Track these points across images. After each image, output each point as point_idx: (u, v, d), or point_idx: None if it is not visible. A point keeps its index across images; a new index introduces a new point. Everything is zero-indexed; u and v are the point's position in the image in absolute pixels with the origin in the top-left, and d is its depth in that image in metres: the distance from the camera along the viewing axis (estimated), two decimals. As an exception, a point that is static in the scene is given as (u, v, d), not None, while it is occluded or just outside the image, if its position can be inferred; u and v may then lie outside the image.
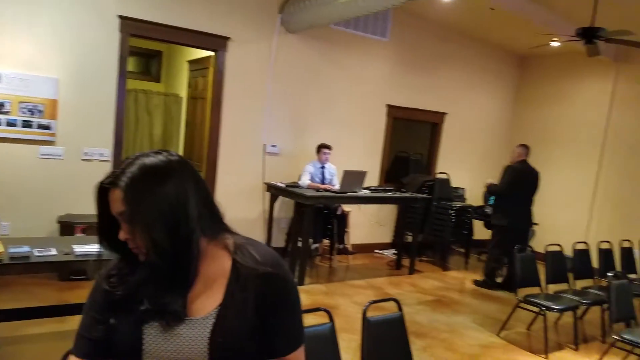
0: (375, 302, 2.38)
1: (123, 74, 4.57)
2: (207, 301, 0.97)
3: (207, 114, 5.29)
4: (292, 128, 5.68)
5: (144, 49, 7.18)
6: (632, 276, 4.86)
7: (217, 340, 0.94)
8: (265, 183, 5.46)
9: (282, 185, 5.19)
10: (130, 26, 4.52)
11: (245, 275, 0.98)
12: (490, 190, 5.43)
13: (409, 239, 5.96)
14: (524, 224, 5.41)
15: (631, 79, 6.25)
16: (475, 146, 7.40)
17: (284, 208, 5.70)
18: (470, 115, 7.23)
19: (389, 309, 2.44)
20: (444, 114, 6.94)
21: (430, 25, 6.47)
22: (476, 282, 5.59)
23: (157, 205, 0.90)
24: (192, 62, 6.18)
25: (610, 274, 3.72)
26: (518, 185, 5.23)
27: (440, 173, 6.71)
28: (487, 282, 5.48)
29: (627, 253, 5.24)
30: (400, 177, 6.64)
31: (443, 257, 6.36)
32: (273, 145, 5.55)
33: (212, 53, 5.20)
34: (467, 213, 6.34)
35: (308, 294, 4.60)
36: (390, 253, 6.52)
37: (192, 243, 0.92)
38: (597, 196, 6.56)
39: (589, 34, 4.73)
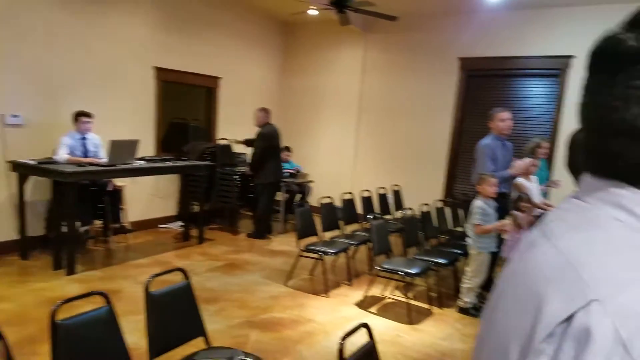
0: (158, 275, 2.19)
1: None
2: None
3: None
4: (38, 93, 4.75)
5: None
6: (388, 217, 5.77)
7: None
8: (9, 162, 4.48)
9: (33, 162, 4.34)
10: None
11: None
12: (252, 157, 5.97)
13: (196, 208, 5.78)
14: (279, 178, 6.15)
15: (377, 47, 7.21)
16: (251, 111, 7.54)
17: (39, 189, 4.81)
18: (243, 80, 7.29)
19: (178, 280, 2.28)
20: (218, 78, 6.83)
21: (195, -16, 6.17)
22: (249, 235, 6.05)
23: None
24: None
25: (370, 217, 4.29)
26: (270, 146, 5.92)
27: (221, 139, 6.64)
28: (259, 233, 6.03)
29: (382, 198, 6.16)
30: (179, 145, 6.32)
31: (232, 222, 6.39)
32: (15, 116, 4.56)
33: None
34: (251, 177, 6.47)
35: (81, 282, 4.03)
36: (176, 226, 6.22)
37: None
38: (358, 152, 7.48)
39: (339, 4, 5.23)
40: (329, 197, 5.04)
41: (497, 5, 5.79)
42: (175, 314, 2.16)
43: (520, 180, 4.16)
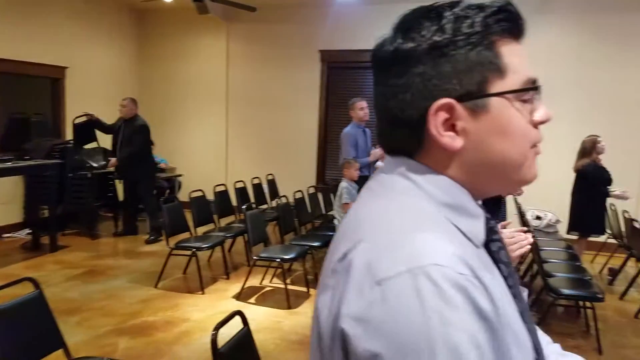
0: (0, 288, 1.91)
1: None
2: None
3: None
4: None
5: None
6: (263, 206, 5.79)
7: None
8: None
9: None
10: None
11: None
12: (129, 153, 5.44)
13: (46, 213, 5.15)
14: (155, 172, 5.90)
15: (241, 38, 7.12)
16: (104, 103, 6.90)
17: None
18: (93, 70, 6.65)
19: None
20: (64, 68, 6.13)
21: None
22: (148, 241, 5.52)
23: None
24: None
25: (244, 207, 4.26)
26: (150, 140, 5.63)
27: (82, 116, 5.92)
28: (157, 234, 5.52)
29: (257, 188, 6.16)
30: (20, 143, 5.53)
31: (91, 225, 5.80)
32: None
33: None
34: (110, 174, 5.96)
35: None
36: (24, 234, 5.49)
37: None
38: (229, 143, 7.34)
39: (196, -8, 5.05)
40: (200, 190, 4.87)
41: (352, -1, 6.10)
42: (25, 329, 1.91)
43: (380, 164, 4.49)
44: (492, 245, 0.61)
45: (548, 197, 5.24)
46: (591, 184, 4.39)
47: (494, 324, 0.47)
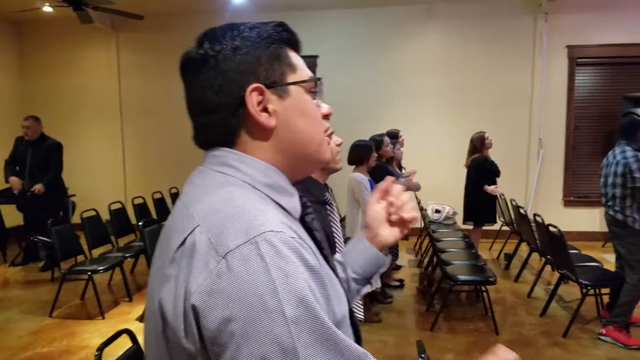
0: None
1: None
2: None
3: None
4: None
5: None
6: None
7: None
8: None
9: None
10: None
11: None
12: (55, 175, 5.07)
13: None
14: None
15: (131, 47, 6.79)
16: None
17: None
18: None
19: None
20: None
21: None
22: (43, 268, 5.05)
23: None
24: None
25: (141, 224, 3.98)
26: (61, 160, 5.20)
27: None
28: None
29: (160, 203, 5.87)
30: None
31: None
32: None
33: None
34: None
35: None
36: None
37: None
38: (126, 157, 6.94)
39: (76, 1, 4.73)
40: (93, 209, 4.53)
41: (243, 6, 6.07)
42: None
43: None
44: (307, 217, 0.73)
45: (445, 191, 5.61)
46: (481, 177, 4.73)
47: (320, 275, 0.56)
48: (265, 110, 0.65)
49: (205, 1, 6.00)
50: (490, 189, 4.66)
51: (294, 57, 0.70)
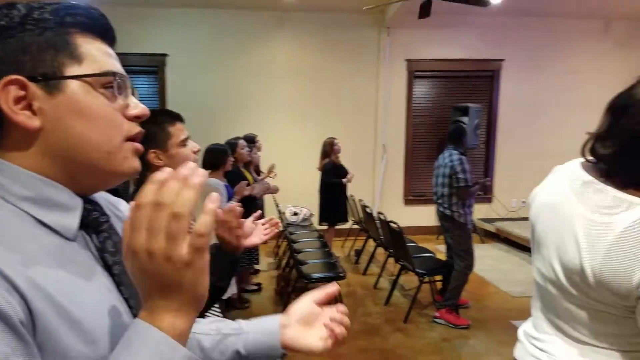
0: None
1: None
2: None
3: None
4: None
5: None
6: None
7: None
8: None
9: None
10: None
11: None
12: None
13: None
14: None
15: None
16: None
17: None
18: None
19: None
20: None
21: None
22: None
23: None
24: None
25: None
26: None
27: None
28: None
29: None
30: None
31: None
32: None
33: None
34: None
35: None
36: None
37: None
38: None
39: None
40: None
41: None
42: None
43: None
44: (99, 236, 0.62)
45: (302, 194, 5.78)
46: (331, 180, 5.04)
47: (9, 319, 0.46)
48: (29, 107, 0.56)
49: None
50: (346, 179, 5.06)
51: (87, 46, 0.60)
